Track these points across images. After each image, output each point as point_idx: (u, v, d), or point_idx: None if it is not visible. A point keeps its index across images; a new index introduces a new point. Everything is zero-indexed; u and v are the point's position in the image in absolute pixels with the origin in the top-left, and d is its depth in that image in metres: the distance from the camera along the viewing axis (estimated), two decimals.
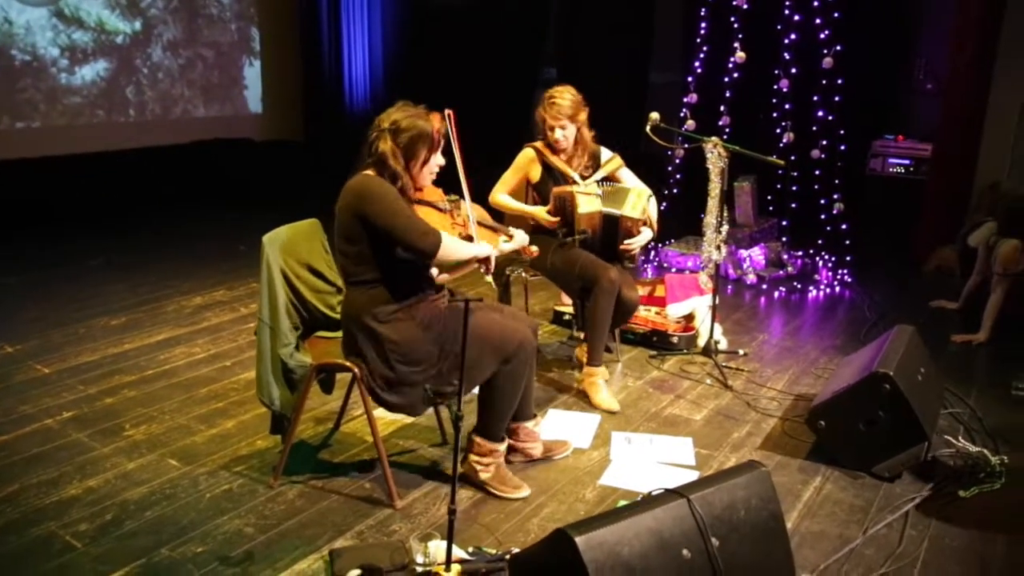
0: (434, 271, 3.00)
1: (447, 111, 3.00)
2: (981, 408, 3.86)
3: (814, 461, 3.36)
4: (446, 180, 3.07)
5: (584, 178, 3.92)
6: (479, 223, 3.12)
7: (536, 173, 3.96)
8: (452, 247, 2.88)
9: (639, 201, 3.85)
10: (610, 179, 3.99)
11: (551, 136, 3.86)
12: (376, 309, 2.86)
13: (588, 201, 3.79)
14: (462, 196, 3.09)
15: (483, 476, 3.06)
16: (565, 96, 3.82)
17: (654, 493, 2.34)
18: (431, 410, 3.53)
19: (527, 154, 3.96)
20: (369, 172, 2.87)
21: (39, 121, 7.04)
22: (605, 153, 4.02)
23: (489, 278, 3.11)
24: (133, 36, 7.52)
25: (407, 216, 2.80)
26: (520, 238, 3.25)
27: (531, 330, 3.10)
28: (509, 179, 3.99)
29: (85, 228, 6.64)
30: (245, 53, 8.46)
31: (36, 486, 3.01)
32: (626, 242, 3.87)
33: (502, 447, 3.08)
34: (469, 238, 3.03)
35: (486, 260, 3.03)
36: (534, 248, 3.38)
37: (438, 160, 2.94)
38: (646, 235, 3.92)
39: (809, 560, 2.71)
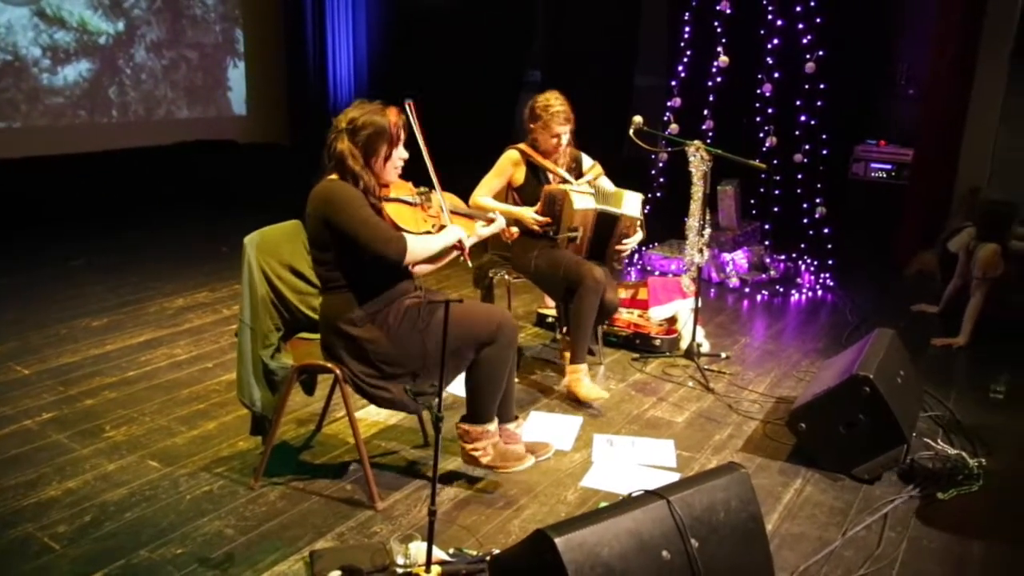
0: (413, 268, 2.99)
1: (407, 102, 2.98)
2: (960, 411, 3.89)
3: (794, 463, 3.38)
4: (417, 172, 3.05)
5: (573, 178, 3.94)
6: (453, 211, 3.10)
7: (520, 175, 3.96)
8: (419, 247, 2.87)
9: (636, 201, 3.88)
10: (592, 184, 4.00)
11: (555, 143, 3.86)
12: (351, 314, 2.86)
13: (582, 199, 3.80)
14: (432, 187, 3.06)
15: (484, 461, 3.06)
16: (559, 102, 3.85)
17: (634, 494, 2.35)
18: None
19: (511, 156, 3.95)
20: (333, 177, 2.85)
21: (20, 121, 6.98)
22: (587, 160, 4.04)
23: (467, 261, 3.05)
24: (116, 37, 7.47)
25: (371, 224, 2.78)
26: (499, 221, 3.21)
27: (508, 314, 3.09)
28: (491, 182, 3.97)
29: (67, 229, 6.59)
30: (229, 54, 8.42)
31: (14, 488, 2.99)
32: (623, 242, 3.88)
33: (492, 427, 3.07)
34: (443, 228, 3.00)
35: (458, 244, 2.99)
36: (514, 229, 3.37)
37: (401, 154, 2.92)
38: (638, 236, 3.94)
39: (789, 562, 2.72)
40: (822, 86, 5.68)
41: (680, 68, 6.02)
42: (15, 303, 4.89)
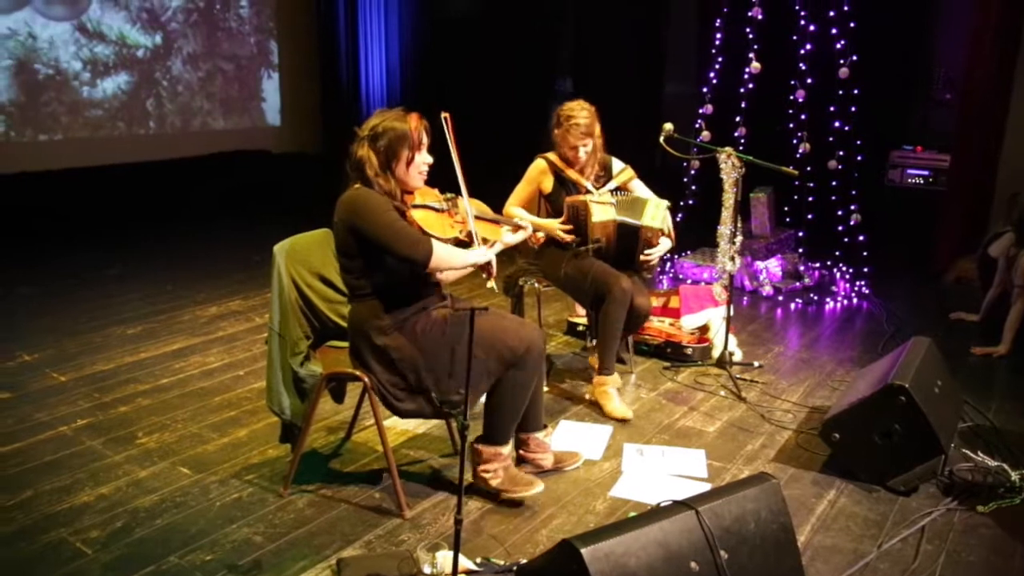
0: (439, 274, 2.99)
1: (444, 114, 3.00)
2: (1001, 421, 3.80)
3: (828, 474, 3.32)
4: (445, 180, 3.05)
5: (596, 188, 3.92)
6: (479, 217, 3.09)
7: (548, 184, 3.96)
8: (445, 255, 2.86)
9: (658, 211, 3.85)
10: (622, 190, 3.98)
11: (573, 155, 3.86)
12: (378, 322, 2.86)
13: (602, 210, 3.78)
14: (459, 193, 3.06)
15: (493, 483, 3.04)
16: (582, 114, 3.80)
17: (662, 504, 2.32)
18: (441, 420, 3.53)
19: (539, 165, 3.96)
20: (357, 185, 2.86)
21: (61, 133, 7.16)
22: (616, 164, 4.01)
23: (492, 284, 3.03)
24: (153, 49, 7.64)
25: (398, 227, 2.79)
26: (526, 229, 3.20)
27: (539, 336, 3.10)
28: (521, 191, 3.99)
29: (104, 239, 6.72)
30: (264, 66, 8.56)
31: (49, 493, 3.03)
32: (645, 252, 3.86)
33: (506, 450, 3.06)
34: (470, 235, 3.00)
35: (487, 266, 2.98)
36: (540, 234, 3.37)
37: (424, 159, 2.92)
38: (664, 245, 3.91)
39: (822, 574, 2.67)
40: (856, 91, 5.60)
41: (711, 75, 5.97)
42: (52, 311, 4.98)
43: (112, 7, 7.30)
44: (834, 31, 5.54)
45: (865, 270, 5.85)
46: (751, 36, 5.68)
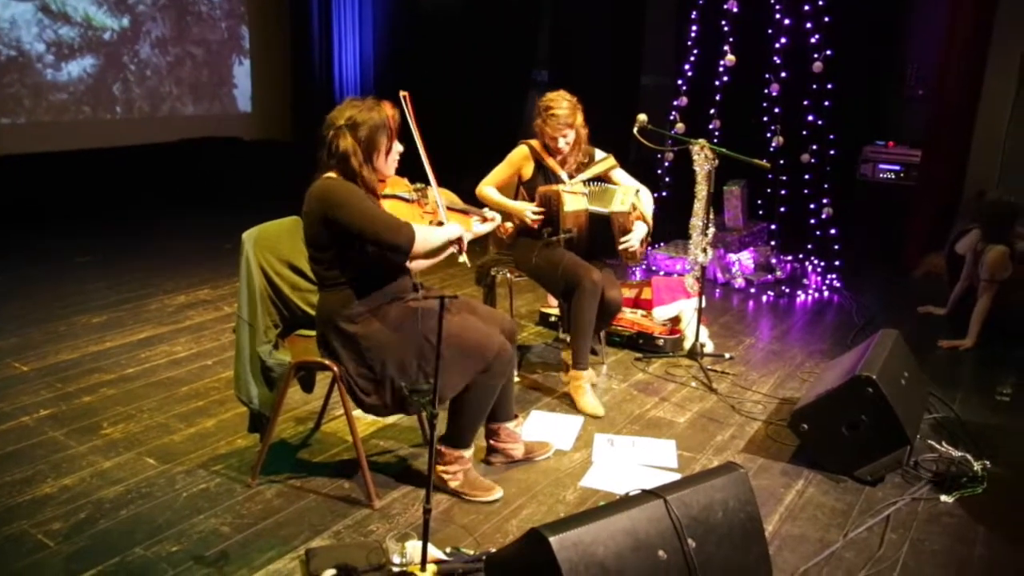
0: (411, 263, 2.96)
1: (402, 93, 2.97)
2: (965, 413, 3.84)
3: (797, 464, 3.34)
4: (413, 169, 3.04)
5: (572, 177, 3.91)
6: (449, 208, 3.07)
7: (529, 171, 3.94)
8: (426, 237, 2.84)
9: (626, 197, 3.84)
10: (602, 179, 3.97)
11: (553, 145, 3.85)
12: (348, 311, 2.83)
13: (574, 200, 3.78)
14: (428, 183, 3.04)
15: (452, 485, 3.02)
16: (562, 104, 3.79)
17: (631, 494, 2.33)
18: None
19: (521, 151, 3.94)
20: (331, 175, 2.82)
21: (24, 117, 6.99)
22: (599, 154, 4.01)
23: (463, 258, 3.00)
24: (121, 32, 7.46)
25: (377, 215, 2.76)
26: (495, 220, 3.19)
27: (510, 332, 3.09)
28: (499, 173, 3.97)
29: (69, 226, 6.60)
30: (235, 51, 8.41)
31: (9, 484, 2.98)
32: (622, 239, 3.84)
33: (468, 454, 3.05)
34: (440, 225, 2.98)
35: (458, 240, 2.96)
36: (508, 224, 3.36)
37: (398, 147, 2.90)
38: (640, 229, 3.87)
39: (789, 563, 2.69)
40: (830, 86, 5.63)
41: (687, 67, 5.98)
42: (15, 299, 4.90)
43: None
44: (808, 25, 5.57)
45: (836, 263, 5.90)
46: (726, 29, 5.70)
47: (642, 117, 4.11)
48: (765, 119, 5.84)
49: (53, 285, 5.20)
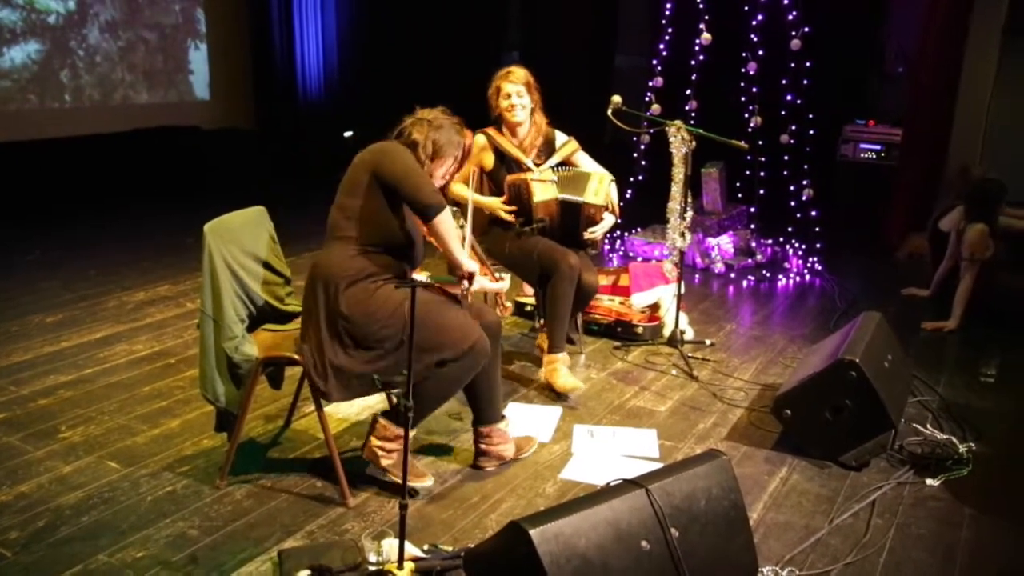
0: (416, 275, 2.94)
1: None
2: (950, 395, 3.82)
3: (780, 451, 3.29)
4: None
5: (538, 164, 3.82)
6: (473, 248, 3.17)
7: (489, 161, 3.85)
8: (450, 225, 2.88)
9: (601, 187, 3.77)
10: (566, 163, 3.89)
11: (506, 105, 3.74)
12: (348, 272, 2.79)
13: (544, 189, 3.70)
14: (465, 218, 3.16)
15: (384, 463, 2.92)
16: (516, 69, 3.80)
17: (612, 484, 2.29)
18: (382, 400, 3.42)
19: (477, 141, 3.81)
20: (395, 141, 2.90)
21: None
22: (560, 137, 3.92)
23: (528, 290, 3.20)
24: (67, 16, 7.16)
25: (422, 175, 2.83)
26: (502, 286, 3.20)
27: (494, 326, 3.03)
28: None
29: (17, 221, 6.39)
30: (190, 36, 8.12)
31: None
32: (589, 230, 3.78)
33: (411, 434, 2.95)
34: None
35: (470, 276, 2.95)
36: (509, 304, 3.44)
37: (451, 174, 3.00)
38: (608, 221, 3.84)
39: (774, 551, 2.65)
40: (808, 64, 5.56)
41: (661, 47, 5.89)
42: None
43: None
44: (785, 2, 5.49)
45: (818, 246, 5.85)
46: (701, 7, 5.61)
47: (616, 99, 4.03)
48: (743, 99, 5.76)
49: (2, 284, 5.03)
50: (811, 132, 5.73)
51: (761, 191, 6.12)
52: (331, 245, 2.86)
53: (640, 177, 6.02)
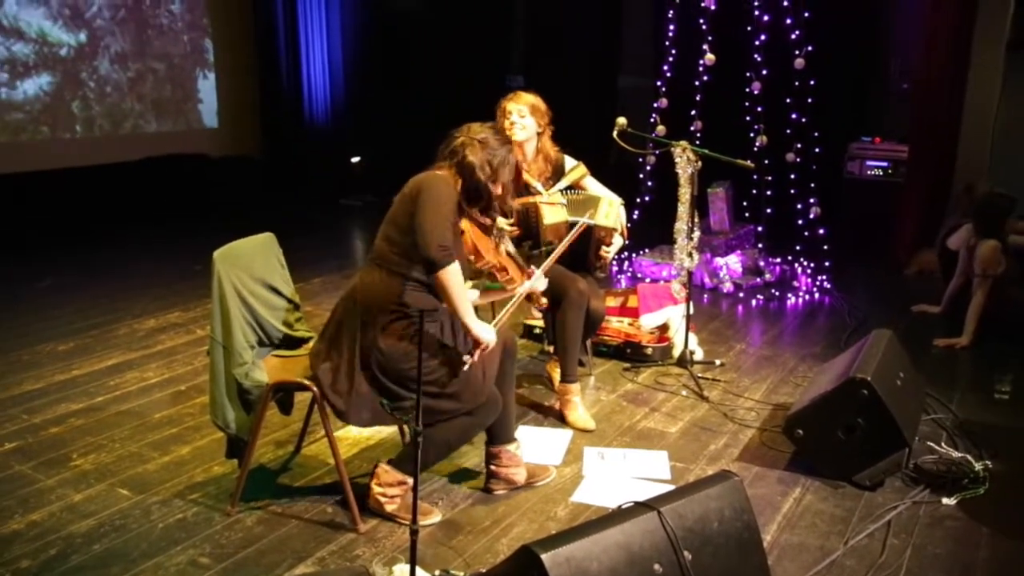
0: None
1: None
2: (964, 412, 3.78)
3: (793, 472, 3.26)
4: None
5: (547, 189, 3.82)
6: (512, 257, 3.16)
7: None
8: (455, 282, 2.73)
9: (611, 209, 3.76)
10: (574, 188, 3.89)
11: (506, 124, 3.71)
12: (391, 306, 2.77)
13: (553, 212, 3.69)
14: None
15: (389, 508, 2.90)
16: (526, 94, 3.78)
17: (624, 506, 2.26)
18: (395, 429, 3.42)
19: None
20: (443, 172, 2.84)
21: None
22: (569, 162, 3.92)
23: (537, 313, 3.18)
24: (78, 48, 7.28)
25: (440, 223, 2.70)
26: (539, 283, 3.13)
27: (511, 345, 3.03)
28: None
29: (30, 250, 6.45)
30: (199, 65, 8.24)
31: None
32: (601, 251, 3.78)
33: (411, 481, 2.90)
34: (504, 270, 3.02)
35: (480, 346, 2.81)
36: (544, 300, 3.28)
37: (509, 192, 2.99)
38: (618, 243, 3.83)
39: (789, 573, 2.63)
40: (812, 83, 5.57)
41: (665, 68, 5.92)
42: None
43: (29, 3, 6.93)
44: (788, 21, 5.52)
45: (826, 264, 5.83)
46: (705, 28, 5.64)
47: (622, 120, 4.05)
48: (748, 118, 5.78)
49: (14, 312, 5.06)
50: (817, 150, 5.74)
51: (768, 210, 6.11)
52: (376, 273, 2.83)
53: (647, 198, 6.03)
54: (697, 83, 5.81)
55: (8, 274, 5.86)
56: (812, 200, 5.71)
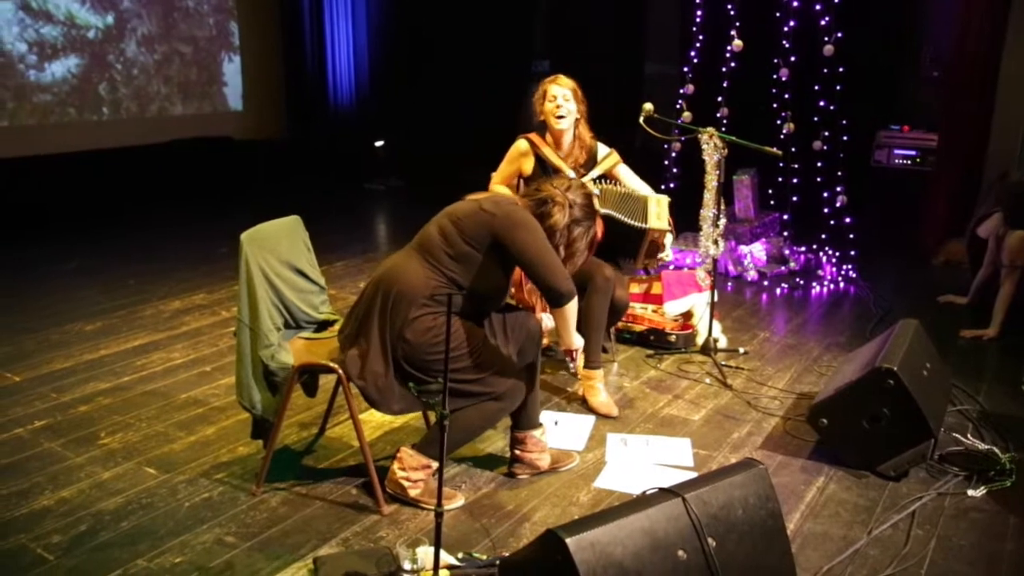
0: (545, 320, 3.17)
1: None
2: (991, 404, 3.74)
3: (817, 461, 3.25)
4: None
5: (580, 176, 3.81)
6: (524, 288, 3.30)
7: (528, 166, 3.84)
8: (575, 310, 2.95)
9: (661, 209, 3.75)
10: (607, 177, 3.88)
11: (551, 108, 3.73)
12: (424, 297, 2.78)
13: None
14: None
15: (412, 493, 2.91)
16: (566, 78, 3.79)
17: (648, 492, 2.26)
18: (418, 413, 3.43)
19: (519, 146, 3.83)
20: (524, 208, 2.90)
21: (7, 120, 6.88)
22: (602, 149, 3.90)
23: (572, 367, 3.28)
24: (105, 31, 7.34)
25: (554, 256, 2.85)
26: (548, 322, 3.29)
27: (535, 329, 3.05)
28: (503, 170, 3.88)
29: (57, 231, 6.53)
30: (224, 48, 8.27)
31: (6, 498, 2.91)
32: (659, 255, 3.86)
33: (435, 464, 2.92)
34: (532, 308, 3.19)
35: (572, 354, 3.07)
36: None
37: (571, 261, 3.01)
38: (670, 240, 3.88)
39: (812, 562, 2.61)
40: (841, 70, 5.50)
41: (692, 54, 5.87)
42: (4, 308, 4.83)
43: None
44: (818, 7, 5.45)
45: (852, 253, 5.78)
46: (732, 13, 5.58)
47: (648, 106, 4.02)
48: (775, 105, 5.72)
49: (43, 292, 5.12)
50: (844, 138, 5.67)
51: (794, 198, 6.06)
52: (415, 261, 2.83)
53: (672, 185, 5.99)
54: (724, 69, 5.76)
55: (35, 256, 5.93)
56: (839, 188, 5.66)
